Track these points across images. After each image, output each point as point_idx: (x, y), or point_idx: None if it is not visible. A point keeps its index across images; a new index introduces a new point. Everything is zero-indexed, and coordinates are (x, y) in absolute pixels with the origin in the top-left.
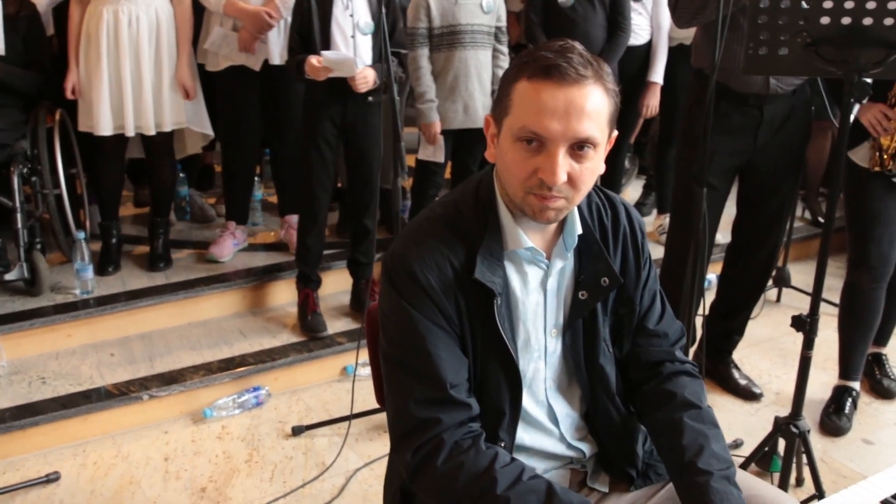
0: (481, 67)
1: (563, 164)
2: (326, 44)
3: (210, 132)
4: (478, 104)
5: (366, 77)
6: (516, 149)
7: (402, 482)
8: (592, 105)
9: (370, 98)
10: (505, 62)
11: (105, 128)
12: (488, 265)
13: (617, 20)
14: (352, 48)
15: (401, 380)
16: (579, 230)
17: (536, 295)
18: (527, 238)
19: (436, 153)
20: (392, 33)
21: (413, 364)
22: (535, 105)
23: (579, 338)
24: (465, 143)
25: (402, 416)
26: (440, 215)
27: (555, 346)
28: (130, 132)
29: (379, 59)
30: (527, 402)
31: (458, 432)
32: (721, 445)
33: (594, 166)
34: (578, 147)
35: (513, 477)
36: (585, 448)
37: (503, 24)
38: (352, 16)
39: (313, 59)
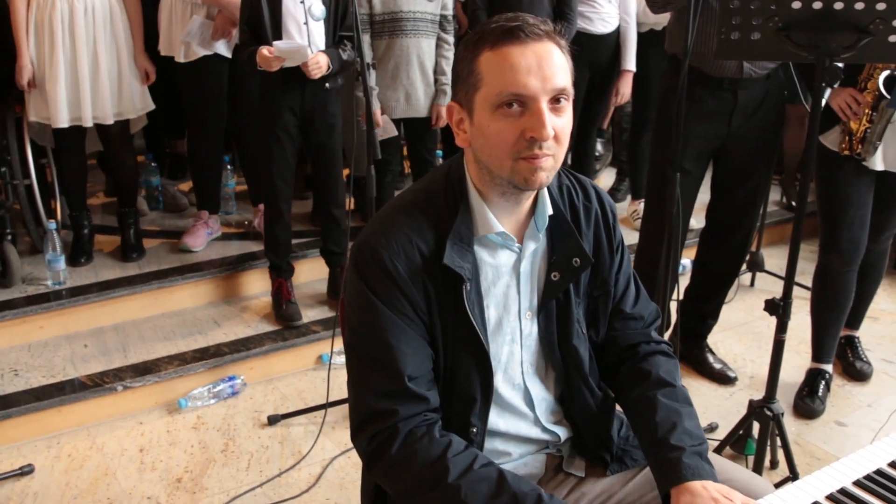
0: (424, 56)
1: (548, 117)
2: (278, 32)
3: (152, 106)
4: (420, 93)
5: (318, 62)
6: (497, 117)
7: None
8: (558, 58)
9: (327, 85)
10: (449, 52)
11: (62, 120)
12: (458, 250)
13: (563, 10)
14: (305, 35)
15: (361, 370)
16: (550, 211)
17: (508, 278)
18: (498, 223)
19: (386, 131)
20: (343, 18)
21: (373, 355)
22: (509, 68)
23: (553, 319)
24: (416, 134)
25: (361, 405)
26: (409, 202)
27: (530, 328)
28: (88, 122)
29: (333, 44)
30: (502, 386)
31: (414, 422)
32: (694, 423)
33: (569, 120)
34: (555, 100)
35: (465, 465)
36: (561, 432)
37: (449, 12)
38: (303, 2)
39: (264, 50)
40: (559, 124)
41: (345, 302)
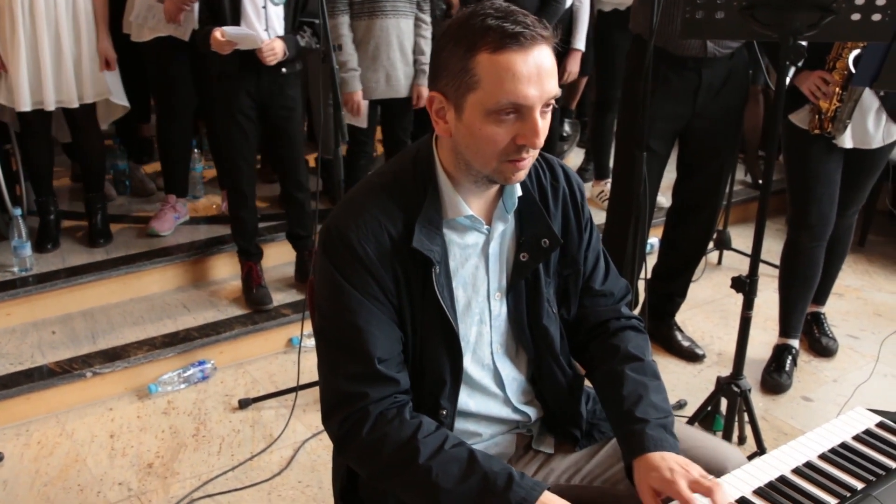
0: (403, 37)
1: (541, 124)
2: (237, 15)
3: (126, 104)
4: (400, 74)
5: (273, 49)
6: (491, 122)
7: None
8: (551, 62)
9: (284, 69)
10: (427, 31)
11: (24, 103)
12: (427, 233)
13: None
14: (263, 19)
15: (330, 354)
16: (519, 192)
17: (476, 260)
18: (466, 206)
19: (359, 120)
20: (305, 4)
21: (342, 339)
22: (510, 77)
23: (522, 300)
24: (393, 114)
25: (331, 389)
26: (377, 185)
27: (499, 309)
28: (51, 106)
29: (292, 29)
30: (472, 367)
31: (384, 404)
32: (661, 396)
33: (550, 119)
34: (545, 105)
35: (435, 446)
36: (531, 412)
37: None
38: None
39: (217, 33)
40: (544, 126)
41: (314, 285)
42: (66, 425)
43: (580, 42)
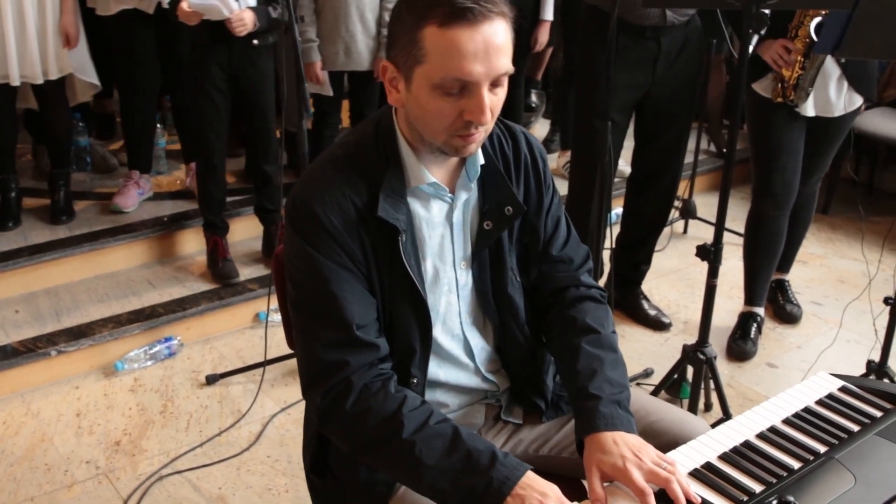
0: (364, 7)
1: (488, 101)
2: None
3: (96, 81)
4: (361, 46)
5: (242, 19)
6: (436, 96)
7: (315, 429)
8: (504, 38)
9: (255, 41)
10: (391, 3)
11: None
12: (391, 202)
13: None
14: None
15: (307, 324)
16: (482, 160)
17: (442, 229)
18: (429, 174)
19: (323, 88)
20: None
21: (318, 307)
22: (456, 52)
23: (486, 269)
24: (357, 87)
25: (311, 360)
26: (340, 156)
27: (465, 278)
28: (16, 81)
29: (264, 1)
30: (441, 337)
31: (368, 375)
32: (618, 371)
33: (504, 93)
34: (495, 82)
35: (420, 421)
36: (499, 381)
37: None
38: None
39: (183, 3)
40: (494, 101)
41: (283, 257)
42: (31, 404)
43: (548, 13)
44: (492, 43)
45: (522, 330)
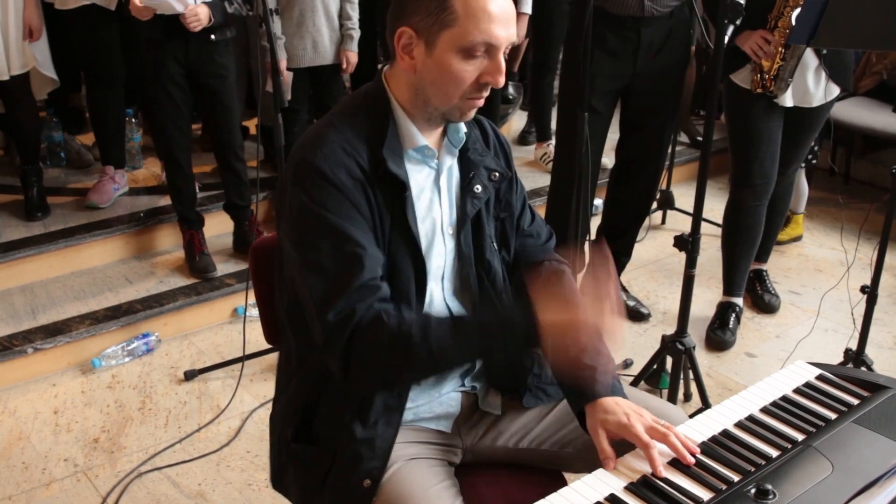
0: (329, 2)
1: (503, 66)
2: None
3: (54, 76)
4: (326, 40)
5: (197, 15)
6: (460, 59)
7: (302, 404)
8: (514, 9)
9: (213, 36)
10: None
11: None
12: (395, 161)
13: None
14: None
15: (313, 283)
16: (465, 129)
17: (430, 193)
18: (422, 136)
19: (285, 91)
20: None
21: (333, 264)
22: (487, 17)
23: (469, 235)
24: (321, 82)
25: (327, 317)
26: (338, 120)
27: (451, 244)
28: None
29: None
30: (435, 296)
31: (368, 314)
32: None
33: None
34: (506, 49)
35: (421, 324)
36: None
37: None
38: None
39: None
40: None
41: (285, 225)
42: (7, 403)
43: (527, 6)
44: (509, 10)
45: (500, 298)
